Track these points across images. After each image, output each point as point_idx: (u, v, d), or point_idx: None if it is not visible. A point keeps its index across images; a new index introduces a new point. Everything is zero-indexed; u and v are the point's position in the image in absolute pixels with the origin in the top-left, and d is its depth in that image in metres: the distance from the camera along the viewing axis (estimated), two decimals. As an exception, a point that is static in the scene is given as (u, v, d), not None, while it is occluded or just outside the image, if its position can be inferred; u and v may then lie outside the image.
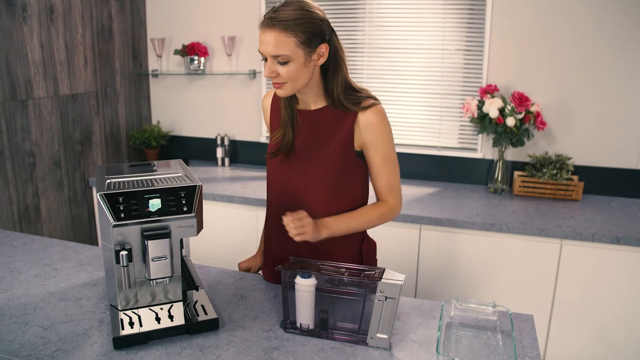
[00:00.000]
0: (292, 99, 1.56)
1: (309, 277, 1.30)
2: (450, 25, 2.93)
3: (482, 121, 2.81)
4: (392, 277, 1.26)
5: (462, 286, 2.55)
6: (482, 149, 3.02)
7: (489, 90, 2.83)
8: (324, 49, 1.40)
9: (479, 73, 2.94)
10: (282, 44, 1.35)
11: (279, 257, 1.61)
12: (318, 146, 1.52)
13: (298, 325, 1.36)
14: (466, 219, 2.45)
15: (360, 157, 1.53)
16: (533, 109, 2.74)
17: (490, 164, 3.01)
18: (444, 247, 2.53)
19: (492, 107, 2.73)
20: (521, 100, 2.71)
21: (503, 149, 2.86)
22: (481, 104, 2.80)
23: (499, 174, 2.88)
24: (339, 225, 1.49)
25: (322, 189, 1.52)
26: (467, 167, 3.06)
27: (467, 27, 2.91)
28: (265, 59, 1.41)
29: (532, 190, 2.83)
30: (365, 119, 1.47)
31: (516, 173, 2.91)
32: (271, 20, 1.35)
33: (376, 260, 1.73)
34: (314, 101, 1.53)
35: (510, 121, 2.69)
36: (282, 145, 1.55)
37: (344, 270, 1.34)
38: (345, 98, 1.48)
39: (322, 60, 1.42)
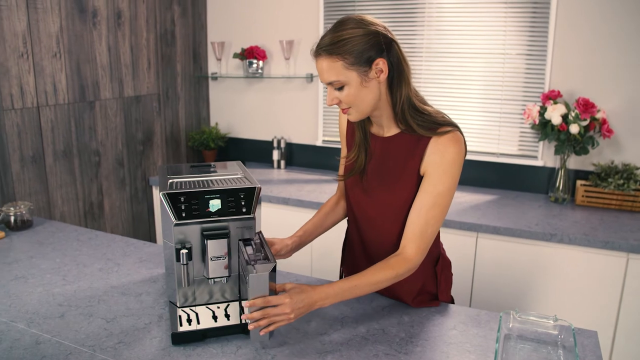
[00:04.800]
0: (366, 122, 1.49)
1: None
2: (512, 29, 2.85)
3: (543, 128, 2.72)
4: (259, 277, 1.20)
5: (520, 298, 2.47)
6: (543, 156, 2.92)
7: (552, 96, 2.74)
8: (381, 64, 1.29)
9: (541, 78, 2.85)
10: (331, 70, 1.30)
11: (361, 268, 1.62)
12: (390, 175, 1.44)
13: None
14: (525, 229, 2.38)
15: None
16: (599, 115, 2.63)
17: (552, 172, 2.91)
18: (502, 257, 2.46)
19: (554, 114, 2.64)
20: (586, 106, 2.60)
21: (565, 157, 2.75)
22: (543, 110, 2.71)
23: (560, 182, 2.78)
24: (340, 295, 1.31)
25: (393, 216, 1.46)
26: (527, 174, 2.97)
27: (529, 31, 2.83)
28: None
29: (595, 201, 2.71)
30: (437, 144, 1.35)
31: (579, 182, 2.79)
32: (317, 49, 1.32)
33: (451, 281, 1.63)
34: (387, 126, 1.44)
35: (574, 128, 2.59)
36: (354, 168, 1.51)
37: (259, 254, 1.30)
38: (413, 118, 1.36)
39: (383, 77, 1.31)
